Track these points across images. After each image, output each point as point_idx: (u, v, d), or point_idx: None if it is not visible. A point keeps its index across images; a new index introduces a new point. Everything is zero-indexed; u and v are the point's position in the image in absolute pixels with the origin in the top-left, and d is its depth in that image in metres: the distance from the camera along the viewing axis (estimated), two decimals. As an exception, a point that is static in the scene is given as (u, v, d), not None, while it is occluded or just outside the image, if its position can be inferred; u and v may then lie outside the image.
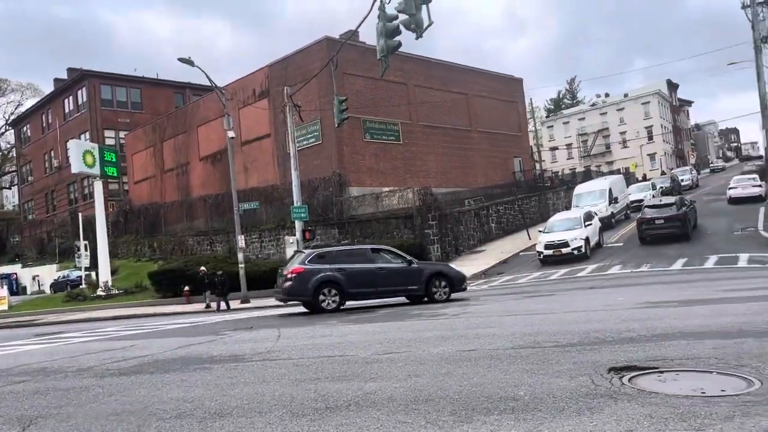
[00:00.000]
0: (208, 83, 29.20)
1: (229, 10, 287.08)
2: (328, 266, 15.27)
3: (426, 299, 16.07)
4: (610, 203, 34.10)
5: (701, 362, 5.64)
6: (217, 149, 42.54)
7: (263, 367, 7.53)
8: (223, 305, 23.06)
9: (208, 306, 23.85)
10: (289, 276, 15.10)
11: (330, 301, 15.15)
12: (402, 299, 16.73)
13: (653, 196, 40.58)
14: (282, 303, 17.77)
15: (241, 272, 25.41)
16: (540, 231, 28.26)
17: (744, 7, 34.97)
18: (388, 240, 29.81)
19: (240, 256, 26.20)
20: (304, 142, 35.83)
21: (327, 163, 35.18)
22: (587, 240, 26.47)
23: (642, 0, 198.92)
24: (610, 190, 34.76)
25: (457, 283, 16.59)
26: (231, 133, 27.74)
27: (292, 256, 17.34)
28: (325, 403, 5.39)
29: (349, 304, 16.08)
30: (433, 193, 31.98)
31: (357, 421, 4.73)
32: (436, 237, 30.50)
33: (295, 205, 26.12)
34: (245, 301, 24.69)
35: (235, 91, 40.18)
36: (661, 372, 5.41)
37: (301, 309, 16.76)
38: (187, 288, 26.72)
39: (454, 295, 16.44)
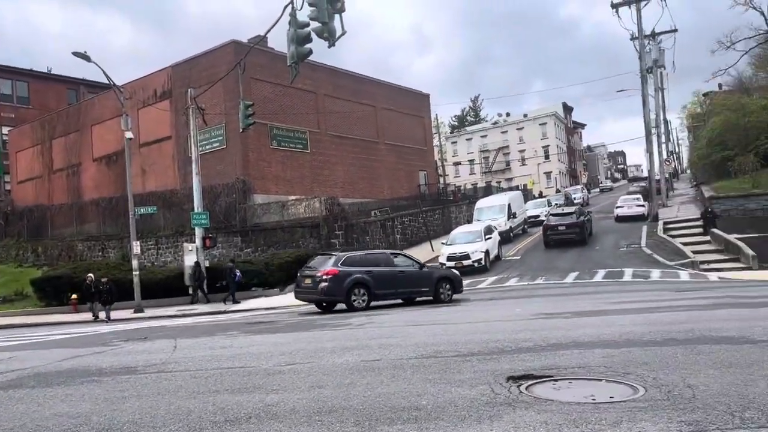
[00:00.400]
0: (104, 80, 27.72)
1: (126, 5, 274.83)
2: (356, 269, 16.30)
3: (433, 300, 17.26)
4: (509, 218, 35.12)
5: (592, 370, 5.92)
6: (112, 150, 40.43)
7: (158, 380, 7.16)
8: (102, 314, 21.91)
9: (96, 316, 22.52)
10: (325, 277, 15.89)
11: (360, 301, 16.15)
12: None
13: (549, 213, 42.87)
14: (305, 302, 18.16)
15: (136, 280, 24.23)
16: (443, 243, 28.88)
17: (633, 38, 37.68)
18: (293, 249, 29.47)
19: (134, 263, 24.96)
20: (208, 147, 34.79)
21: (231, 169, 34.32)
22: (487, 253, 27.37)
23: (541, 26, 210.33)
24: (509, 205, 35.92)
25: (458, 285, 17.84)
26: (129, 134, 26.44)
27: (313, 259, 18.30)
28: (224, 416, 5.19)
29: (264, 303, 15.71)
30: (340, 203, 32.00)
31: (257, 434, 4.59)
32: (342, 247, 30.47)
33: (195, 211, 25.27)
34: (139, 310, 23.52)
35: (135, 91, 38.40)
36: (556, 380, 5.63)
37: (210, 318, 16.17)
38: (74, 296, 25.09)
39: (455, 296, 17.70)
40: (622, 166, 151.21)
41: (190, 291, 25.76)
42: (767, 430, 3.83)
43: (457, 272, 18.93)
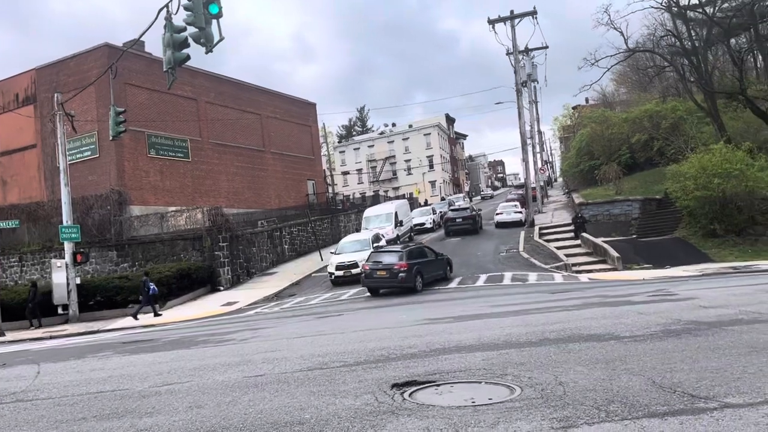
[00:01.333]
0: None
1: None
2: (413, 261, 21.07)
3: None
4: (396, 226, 35.56)
5: (473, 373, 6.08)
6: (-33, 159, 36.80)
7: (16, 410, 6.52)
8: None
9: None
10: (403, 270, 20.48)
11: (419, 284, 20.83)
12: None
13: (434, 221, 44.15)
14: (374, 289, 21.60)
15: (-5, 301, 22.10)
16: (332, 253, 28.77)
17: (508, 53, 39.71)
18: (174, 263, 28.20)
19: (-6, 282, 22.78)
20: (78, 156, 32.57)
21: (105, 179, 32.30)
22: None
23: (421, 39, 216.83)
24: (396, 213, 36.44)
25: (452, 267, 24.63)
26: (-14, 141, 24.16)
27: (376, 254, 22.43)
28: (90, 446, 4.80)
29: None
30: (224, 213, 31.01)
31: (127, 463, 4.27)
32: (227, 259, 29.57)
33: (64, 224, 23.51)
34: None
35: (-6, 94, 35.24)
36: (438, 385, 5.73)
37: (83, 338, 14.98)
38: None
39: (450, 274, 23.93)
40: (501, 174, 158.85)
41: (60, 310, 23.93)
42: (629, 421, 4.08)
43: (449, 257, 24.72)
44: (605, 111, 54.50)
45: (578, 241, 30.58)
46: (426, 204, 65.23)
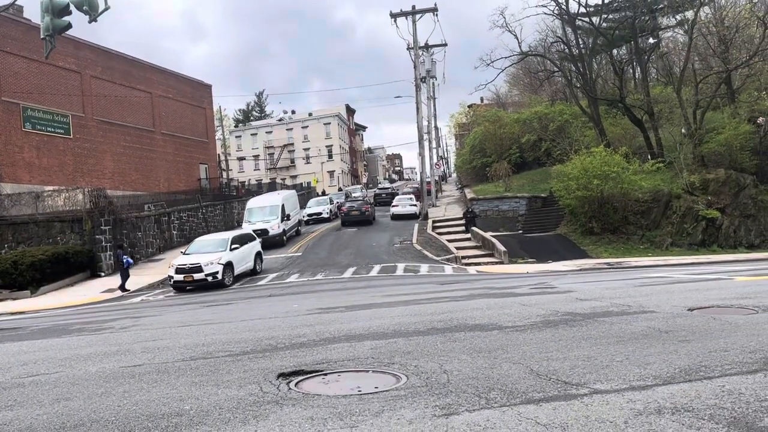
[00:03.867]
0: None
1: None
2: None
3: None
4: (282, 220, 32.89)
5: (361, 362, 6.08)
6: None
7: None
8: None
9: None
10: (369, 208, 34.15)
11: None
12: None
13: (330, 210, 44.04)
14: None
15: None
16: (182, 252, 24.88)
17: (408, 48, 40.29)
18: (49, 246, 26.28)
19: None
20: (-59, 125, 29.50)
21: (-28, 153, 29.50)
22: (229, 265, 22.75)
23: (316, 26, 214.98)
24: (283, 206, 33.57)
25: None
26: None
27: (348, 202, 31.49)
28: (-65, 444, 4.33)
29: None
30: (108, 195, 29.27)
31: (-21, 462, 3.89)
32: (110, 243, 27.95)
33: None
34: None
35: None
36: (326, 374, 5.68)
37: None
38: None
39: None
40: (399, 168, 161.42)
41: None
42: (507, 408, 4.23)
43: None
44: (498, 111, 56.75)
45: (468, 235, 31.67)
46: (324, 194, 65.07)
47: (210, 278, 21.87)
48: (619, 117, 41.98)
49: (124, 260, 23.64)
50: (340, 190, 72.02)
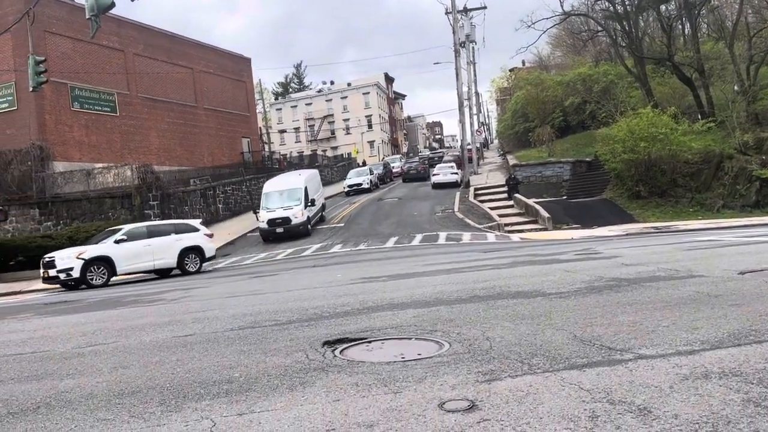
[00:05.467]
0: None
1: None
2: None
3: None
4: (305, 206, 27.54)
5: (403, 330, 6.16)
6: None
7: (-75, 376, 6.18)
8: None
9: None
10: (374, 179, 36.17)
11: None
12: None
13: (371, 181, 44.06)
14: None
15: None
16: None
17: (447, 13, 39.55)
18: (101, 221, 27.19)
19: None
20: (-6, 107, 30.58)
21: (25, 133, 30.53)
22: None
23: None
24: (306, 189, 28.18)
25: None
26: None
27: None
28: (6, 408, 4.61)
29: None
30: (155, 171, 30.01)
31: (46, 424, 4.13)
32: (158, 218, 28.72)
33: (-19, 180, 22.17)
34: None
35: None
36: (370, 342, 5.78)
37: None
38: None
39: None
40: (439, 135, 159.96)
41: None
42: (550, 373, 4.24)
43: None
44: (541, 74, 55.42)
45: (511, 202, 31.35)
46: (364, 164, 65.20)
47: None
48: (667, 76, 40.49)
49: None
50: (382, 160, 72.02)
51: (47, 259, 18.98)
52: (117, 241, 19.45)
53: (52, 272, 18.58)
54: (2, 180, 26.61)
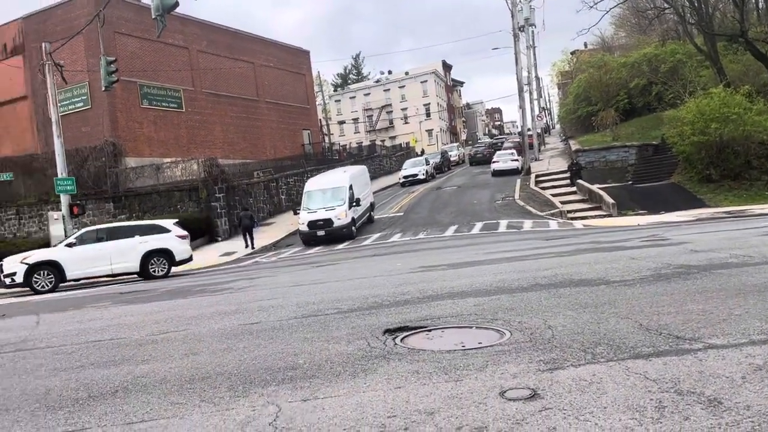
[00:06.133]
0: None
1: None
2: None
3: None
4: (350, 205, 25.21)
5: (464, 318, 6.17)
6: (-42, 112, 36.34)
7: (15, 359, 6.63)
8: None
9: None
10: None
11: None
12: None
13: (427, 171, 43.77)
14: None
15: (-7, 254, 22.11)
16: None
17: (505, -3, 38.82)
18: (170, 214, 28.25)
19: (-9, 235, 22.83)
20: (70, 107, 32.17)
21: (98, 131, 32.02)
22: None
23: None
24: (350, 187, 25.90)
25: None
26: (-25, 93, 23.79)
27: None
28: (87, 391, 4.90)
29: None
30: (220, 164, 30.89)
31: (124, 407, 4.37)
32: (224, 210, 29.60)
33: (59, 177, 23.41)
34: (-1, 286, 21.59)
35: (-20, 45, 34.54)
36: (430, 330, 5.82)
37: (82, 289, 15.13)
38: None
39: None
40: (499, 122, 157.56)
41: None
42: (614, 363, 4.16)
43: None
44: (604, 56, 53.67)
45: (574, 188, 30.63)
46: (422, 153, 65.03)
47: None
48: (740, 53, 38.42)
49: (254, 222, 26.59)
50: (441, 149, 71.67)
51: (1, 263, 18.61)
52: (68, 245, 18.70)
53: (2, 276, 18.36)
54: (79, 176, 27.99)
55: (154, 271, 19.06)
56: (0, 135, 35.71)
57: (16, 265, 18.10)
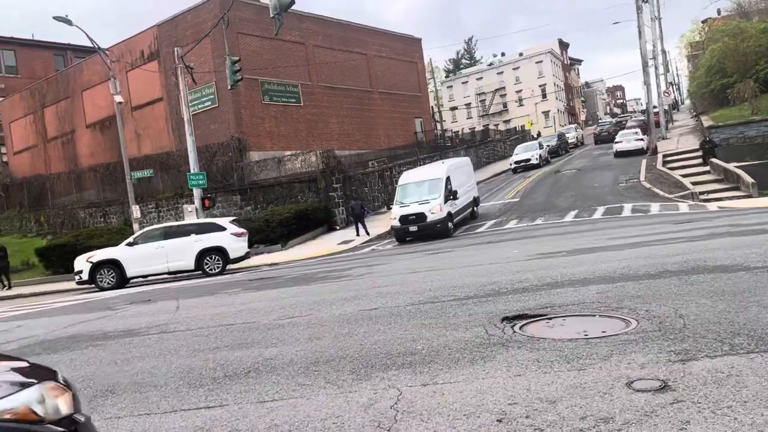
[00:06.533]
0: (90, 44, 27.19)
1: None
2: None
3: None
4: (446, 199, 23.02)
5: (586, 306, 5.97)
6: (105, 115, 40.01)
7: (160, 341, 7.27)
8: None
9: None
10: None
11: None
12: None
13: (540, 156, 42.20)
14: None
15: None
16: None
17: (626, -32, 36.55)
18: (292, 204, 29.53)
19: (135, 227, 25.05)
20: (200, 106, 34.40)
21: (225, 128, 34.02)
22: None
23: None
24: (447, 179, 23.67)
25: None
26: (119, 98, 26.12)
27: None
28: (223, 371, 5.28)
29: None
30: (337, 155, 31.78)
31: (256, 387, 4.67)
32: (341, 200, 30.46)
33: (192, 172, 25.17)
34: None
35: (122, 53, 37.75)
36: (550, 318, 5.69)
37: (215, 276, 16.26)
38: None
39: None
40: (621, 100, 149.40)
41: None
42: (756, 354, 3.87)
43: None
44: (740, 22, 49.09)
45: (707, 168, 28.47)
46: (539, 136, 63.12)
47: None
48: None
49: (365, 211, 27.31)
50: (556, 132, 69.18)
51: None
52: (129, 244, 19.65)
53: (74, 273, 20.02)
54: (209, 170, 29.91)
55: (210, 269, 19.51)
56: (140, 135, 38.92)
57: (83, 263, 19.34)
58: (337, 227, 29.89)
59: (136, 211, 25.52)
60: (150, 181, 33.85)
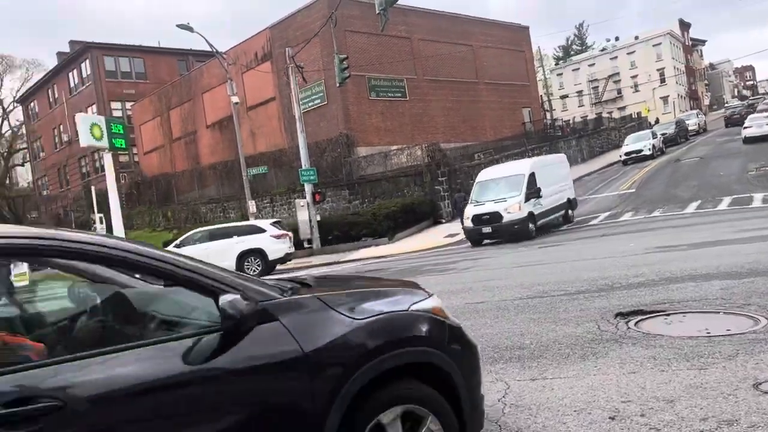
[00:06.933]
0: (209, 49, 28.90)
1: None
2: None
3: None
4: (527, 198, 20.42)
5: (708, 303, 5.63)
6: (223, 116, 42.35)
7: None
8: None
9: None
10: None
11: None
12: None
13: (653, 146, 39.47)
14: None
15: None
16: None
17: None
18: (398, 198, 29.86)
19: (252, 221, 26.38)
20: (310, 104, 35.54)
21: (333, 124, 34.94)
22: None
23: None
24: (531, 176, 21.07)
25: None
26: (235, 99, 27.58)
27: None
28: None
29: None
30: (442, 148, 31.72)
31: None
32: (447, 193, 30.39)
33: (303, 168, 26.11)
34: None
35: (237, 56, 39.74)
36: (668, 315, 5.43)
37: (325, 268, 16.76)
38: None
39: None
40: (751, 81, 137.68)
41: (305, 244, 26.95)
42: None
43: None
44: None
45: None
46: (657, 123, 59.64)
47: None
48: None
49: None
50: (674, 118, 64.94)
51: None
52: (177, 246, 19.90)
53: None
54: (319, 166, 30.87)
55: (248, 271, 19.31)
56: (255, 134, 40.84)
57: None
58: (443, 220, 29.88)
59: (252, 206, 26.88)
60: (264, 178, 35.45)
